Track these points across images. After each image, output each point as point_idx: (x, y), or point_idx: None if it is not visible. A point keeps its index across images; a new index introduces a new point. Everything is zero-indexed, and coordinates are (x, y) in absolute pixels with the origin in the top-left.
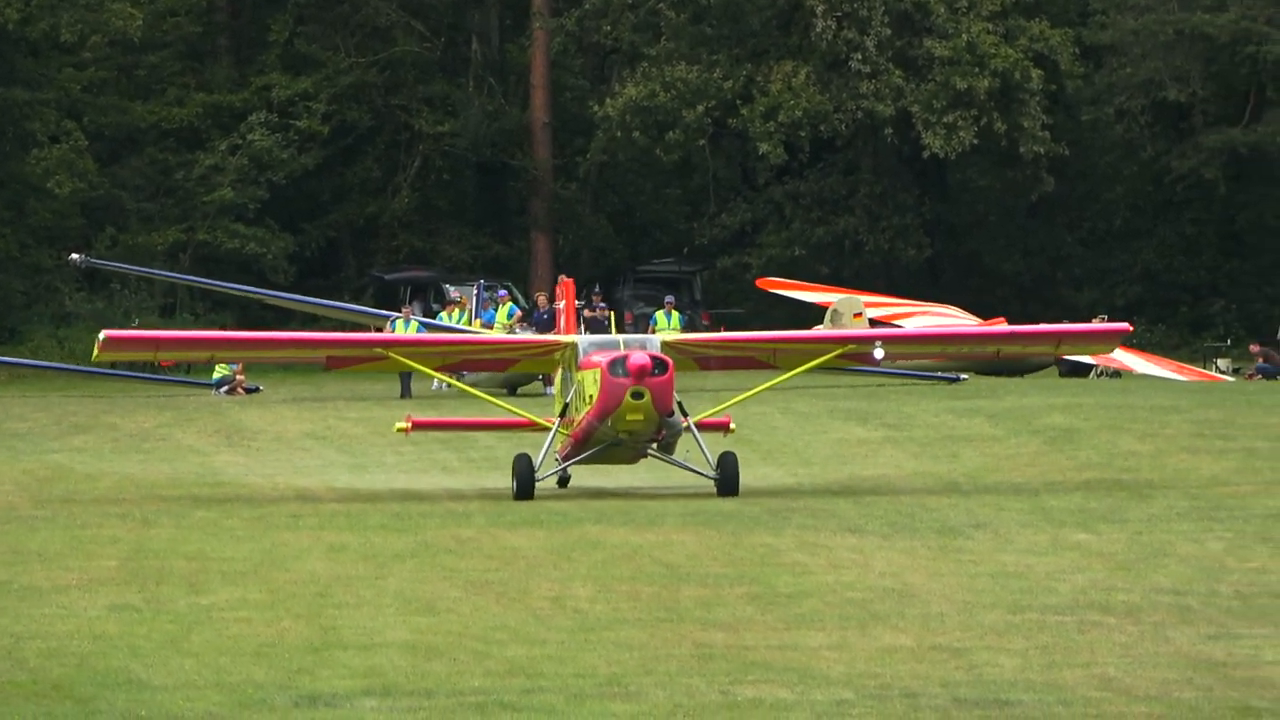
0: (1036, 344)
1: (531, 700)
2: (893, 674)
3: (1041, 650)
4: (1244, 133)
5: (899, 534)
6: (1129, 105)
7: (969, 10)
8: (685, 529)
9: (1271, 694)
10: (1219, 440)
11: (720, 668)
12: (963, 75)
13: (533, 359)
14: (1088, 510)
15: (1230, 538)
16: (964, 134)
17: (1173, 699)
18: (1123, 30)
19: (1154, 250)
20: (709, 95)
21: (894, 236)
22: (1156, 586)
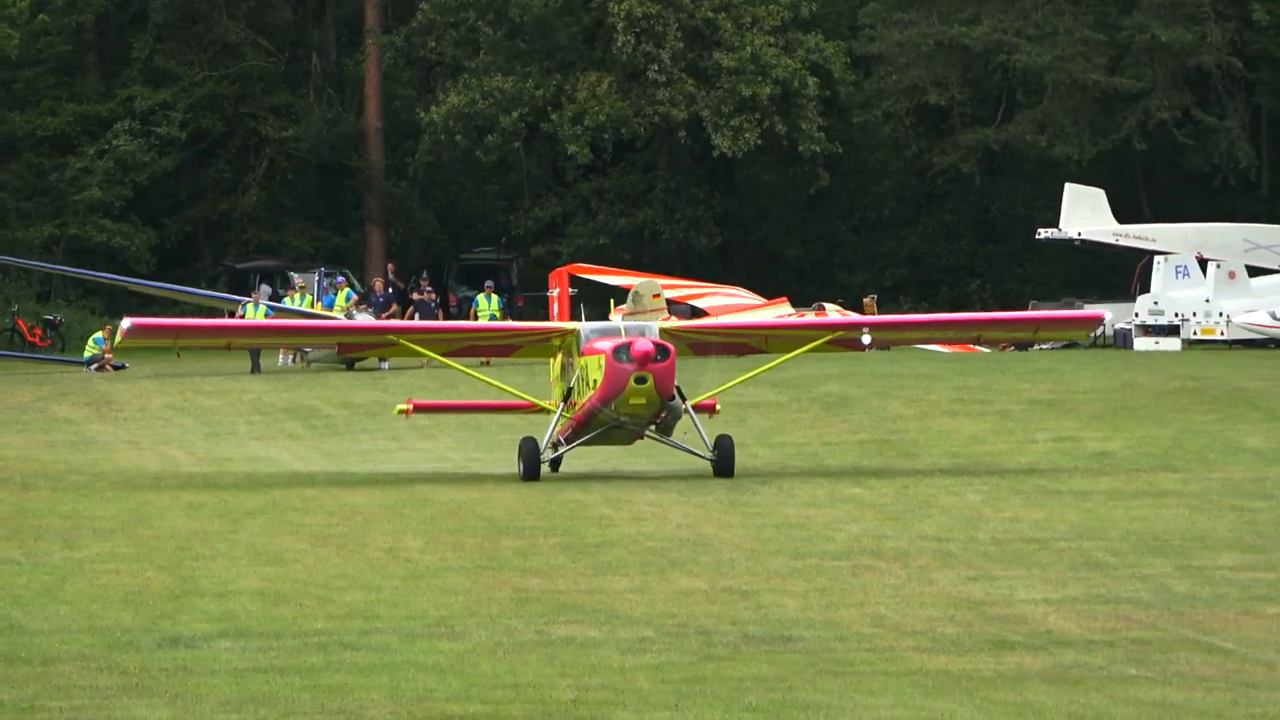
0: (1017, 329)
1: (369, 640)
2: (689, 614)
3: (820, 592)
4: (996, 132)
5: (694, 490)
6: (895, 108)
7: (753, 25)
8: (505, 487)
9: (1024, 629)
10: (976, 405)
11: (536, 610)
12: (748, 83)
13: (534, 345)
14: (860, 468)
15: (987, 490)
16: (749, 135)
17: (937, 634)
18: (889, 42)
19: (918, 237)
20: (523, 102)
21: (688, 227)
22: (922, 534)
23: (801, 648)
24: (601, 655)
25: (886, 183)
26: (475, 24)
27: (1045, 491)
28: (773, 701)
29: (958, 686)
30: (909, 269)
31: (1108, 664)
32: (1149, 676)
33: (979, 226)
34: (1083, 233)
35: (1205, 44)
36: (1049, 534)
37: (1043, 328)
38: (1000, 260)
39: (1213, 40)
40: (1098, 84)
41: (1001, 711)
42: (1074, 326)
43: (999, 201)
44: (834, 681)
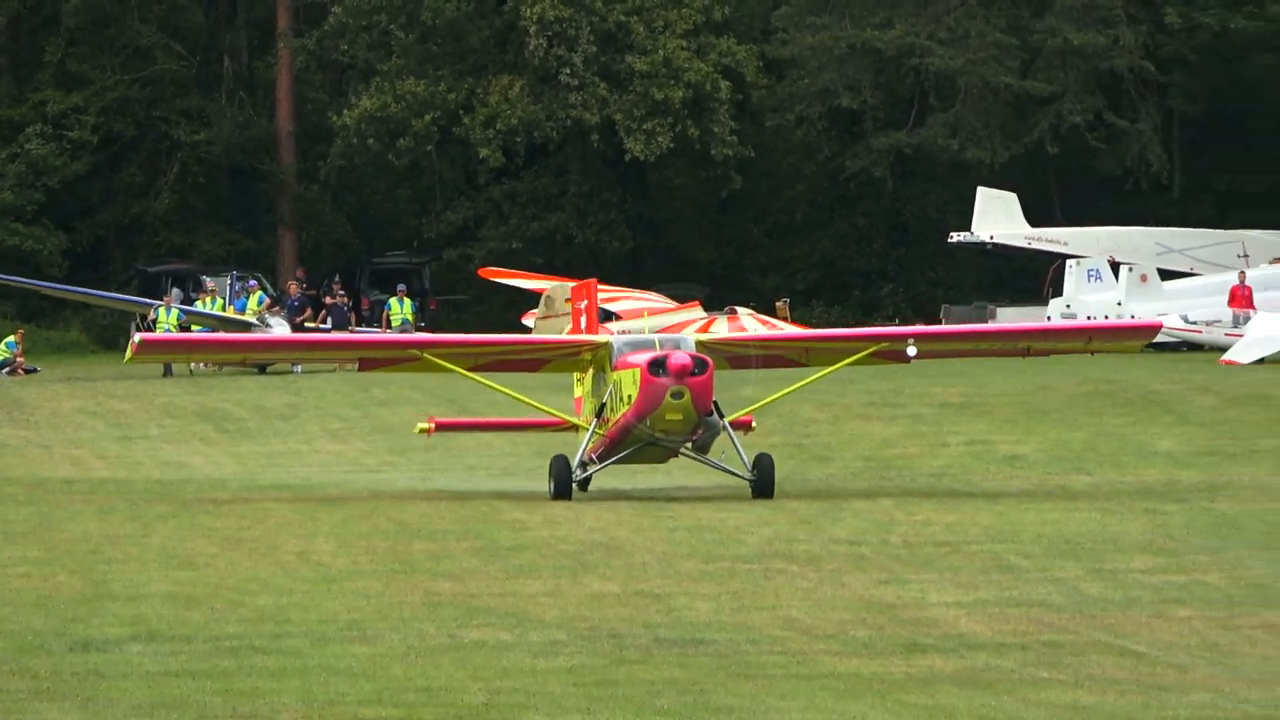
0: (1068, 340)
1: (280, 644)
2: (601, 617)
3: (732, 595)
4: (909, 135)
5: (607, 494)
6: (808, 112)
7: (665, 29)
8: (417, 490)
9: (936, 632)
10: (888, 408)
11: (448, 613)
12: (660, 87)
13: (564, 359)
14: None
15: (898, 494)
16: (661, 139)
17: (848, 637)
18: (801, 46)
19: (830, 240)
20: (435, 106)
21: (600, 230)
22: (834, 537)
23: (713, 651)
24: (513, 658)
25: (799, 186)
26: (387, 27)
27: (957, 495)
28: (685, 705)
29: (869, 689)
30: (821, 272)
31: (1019, 667)
32: (1061, 679)
33: (891, 230)
34: (995, 236)
35: (1117, 47)
36: (961, 537)
37: (1096, 337)
38: (912, 264)
39: (1125, 44)
40: (1010, 87)
41: (913, 714)
42: (1129, 336)
43: (911, 205)
44: (746, 685)
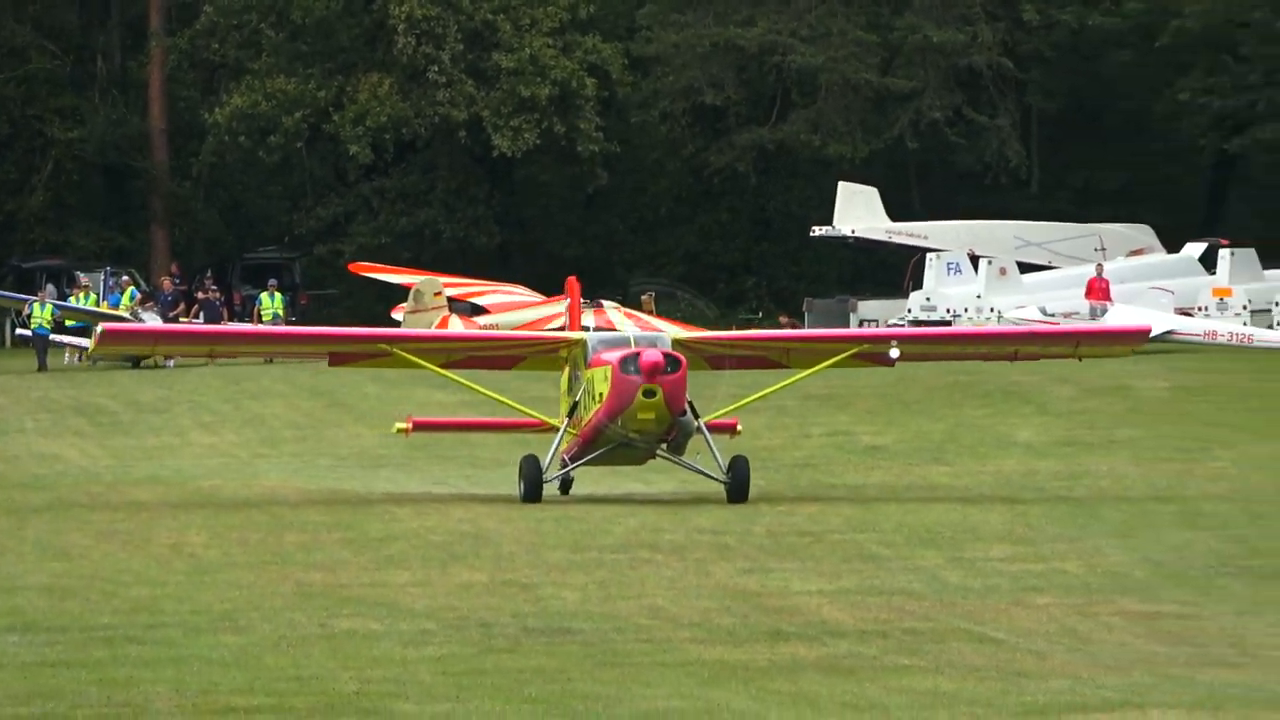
0: (1055, 344)
1: (154, 634)
2: (469, 606)
3: (599, 584)
4: (771, 131)
5: (475, 485)
6: (672, 109)
7: (531, 27)
8: (289, 484)
9: (799, 619)
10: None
11: (319, 603)
12: (527, 84)
13: (539, 355)
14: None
15: (762, 484)
16: (528, 135)
17: (713, 625)
18: (665, 44)
19: (695, 235)
20: (305, 104)
21: (468, 226)
22: (699, 528)
23: (580, 639)
24: (384, 648)
25: (663, 182)
26: (258, 26)
27: (819, 485)
28: (552, 693)
29: (734, 676)
30: (686, 266)
31: (881, 654)
32: (922, 666)
33: (754, 225)
34: (856, 230)
35: (976, 44)
36: (823, 527)
37: (1084, 343)
38: (775, 258)
39: (983, 40)
40: (870, 84)
41: (776, 701)
42: (1118, 341)
43: (774, 200)
44: (612, 672)
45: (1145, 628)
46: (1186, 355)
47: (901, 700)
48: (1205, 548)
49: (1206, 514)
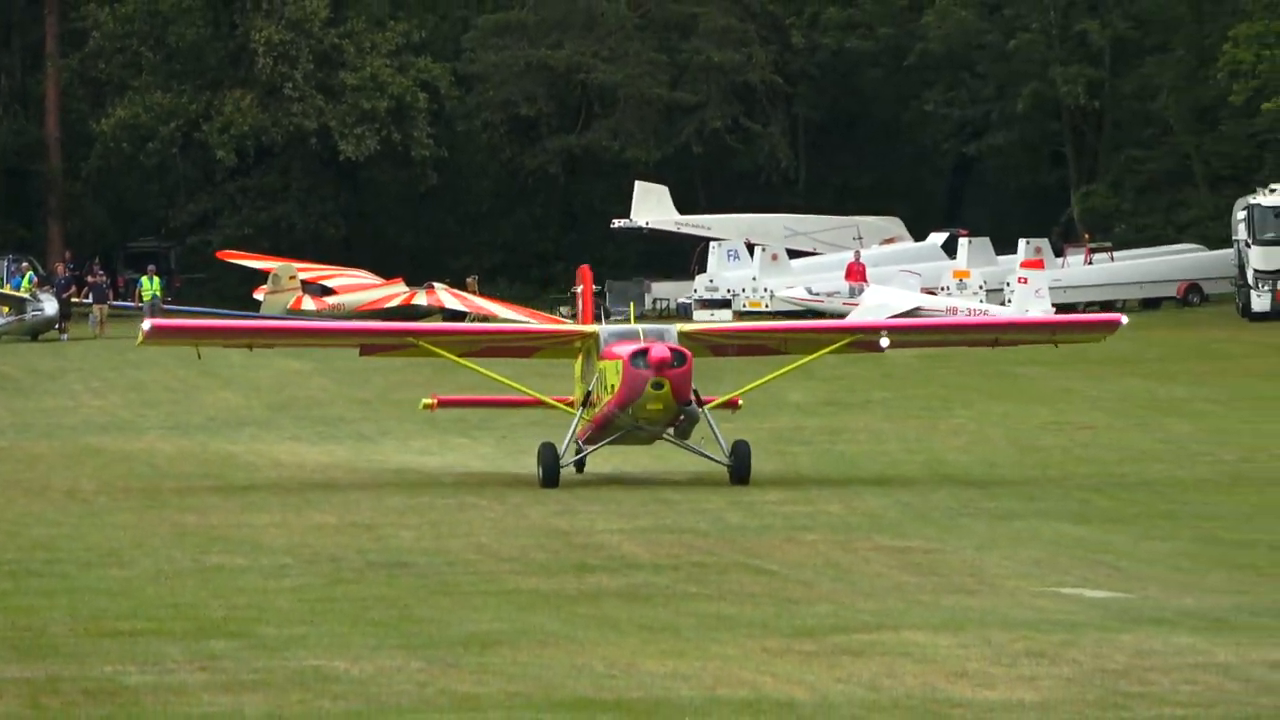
0: (1033, 333)
1: (51, 569)
2: (321, 544)
3: (432, 525)
4: (577, 138)
5: (325, 440)
6: (492, 119)
7: (372, 50)
8: (166, 440)
9: (603, 554)
10: (564, 365)
11: (192, 542)
12: (368, 98)
13: (555, 347)
14: (465, 419)
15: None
16: (369, 142)
17: (529, 560)
18: (487, 63)
19: (512, 227)
20: (179, 115)
21: (318, 219)
22: (517, 477)
23: (416, 572)
24: (248, 580)
25: (485, 182)
26: (138, 49)
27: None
28: (392, 617)
29: (547, 603)
30: (504, 254)
31: (672, 583)
32: (707, 594)
33: (563, 218)
34: (650, 222)
35: (751, 64)
36: (625, 475)
37: (1061, 331)
38: (581, 246)
39: (758, 60)
40: (661, 98)
41: (583, 623)
42: (1092, 330)
43: (580, 197)
44: (444, 600)
45: (898, 560)
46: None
47: (690, 623)
48: (948, 492)
49: (949, 463)
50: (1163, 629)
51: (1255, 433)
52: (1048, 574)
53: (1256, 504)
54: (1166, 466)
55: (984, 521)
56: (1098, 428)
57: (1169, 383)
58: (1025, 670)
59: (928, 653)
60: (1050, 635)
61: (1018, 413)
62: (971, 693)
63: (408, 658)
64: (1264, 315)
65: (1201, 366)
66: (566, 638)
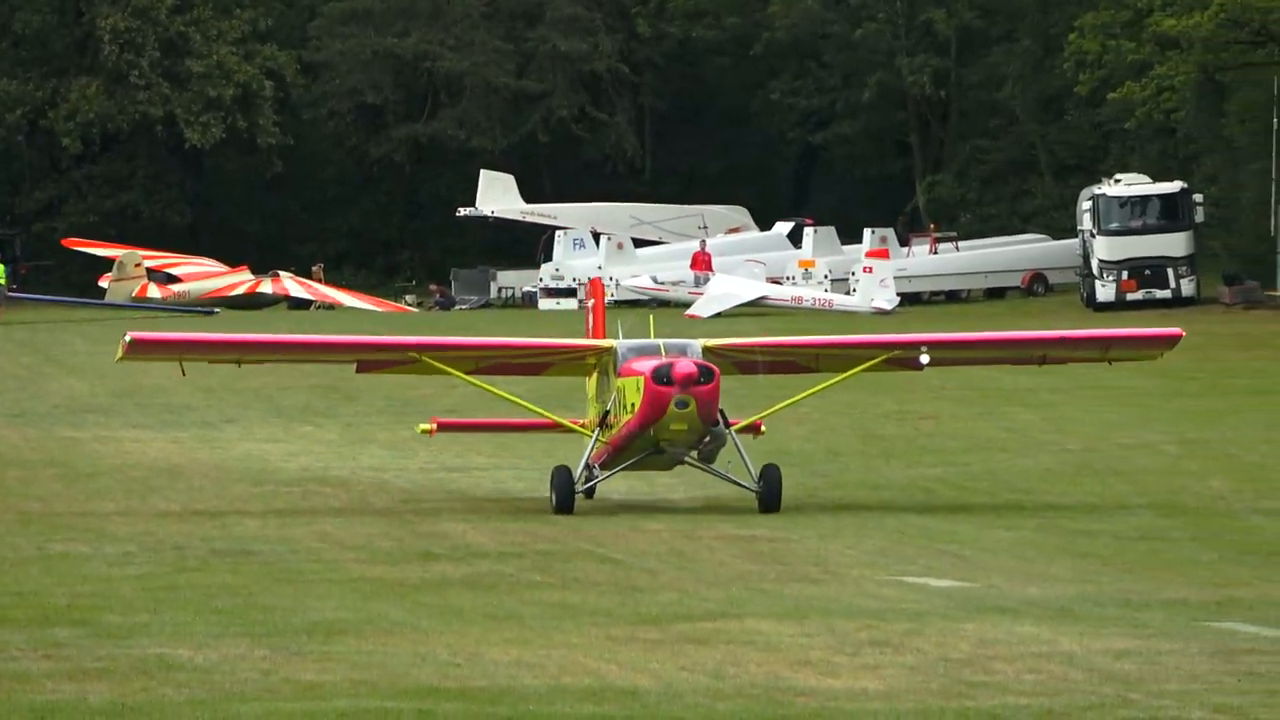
0: (1085, 349)
1: None
2: (165, 532)
3: (276, 513)
4: (424, 126)
5: (169, 428)
6: (338, 107)
7: (218, 38)
8: (10, 427)
9: (448, 543)
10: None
11: (37, 529)
12: (214, 86)
13: (568, 363)
14: (311, 408)
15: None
16: (215, 130)
17: (374, 548)
18: (333, 51)
19: (358, 215)
20: (24, 102)
21: (164, 207)
22: (362, 465)
23: (260, 560)
24: (92, 567)
25: (330, 170)
26: None
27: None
28: (236, 605)
29: (391, 591)
30: (350, 242)
31: (517, 572)
32: (551, 582)
33: (409, 206)
34: (495, 210)
35: (598, 53)
36: (469, 464)
37: (1114, 347)
38: (426, 234)
39: (604, 50)
40: (508, 86)
41: (428, 612)
42: (1149, 345)
43: (426, 185)
44: (288, 588)
45: (742, 549)
46: (777, 318)
47: (535, 611)
48: (792, 480)
49: (793, 453)
50: (1007, 618)
51: (1099, 422)
52: (892, 563)
53: (1100, 494)
54: (1011, 456)
55: (828, 510)
56: (941, 417)
57: (1013, 372)
58: (869, 659)
59: (772, 641)
60: (894, 624)
61: (862, 402)
62: (815, 681)
63: (252, 646)
64: (1108, 305)
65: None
66: (411, 626)
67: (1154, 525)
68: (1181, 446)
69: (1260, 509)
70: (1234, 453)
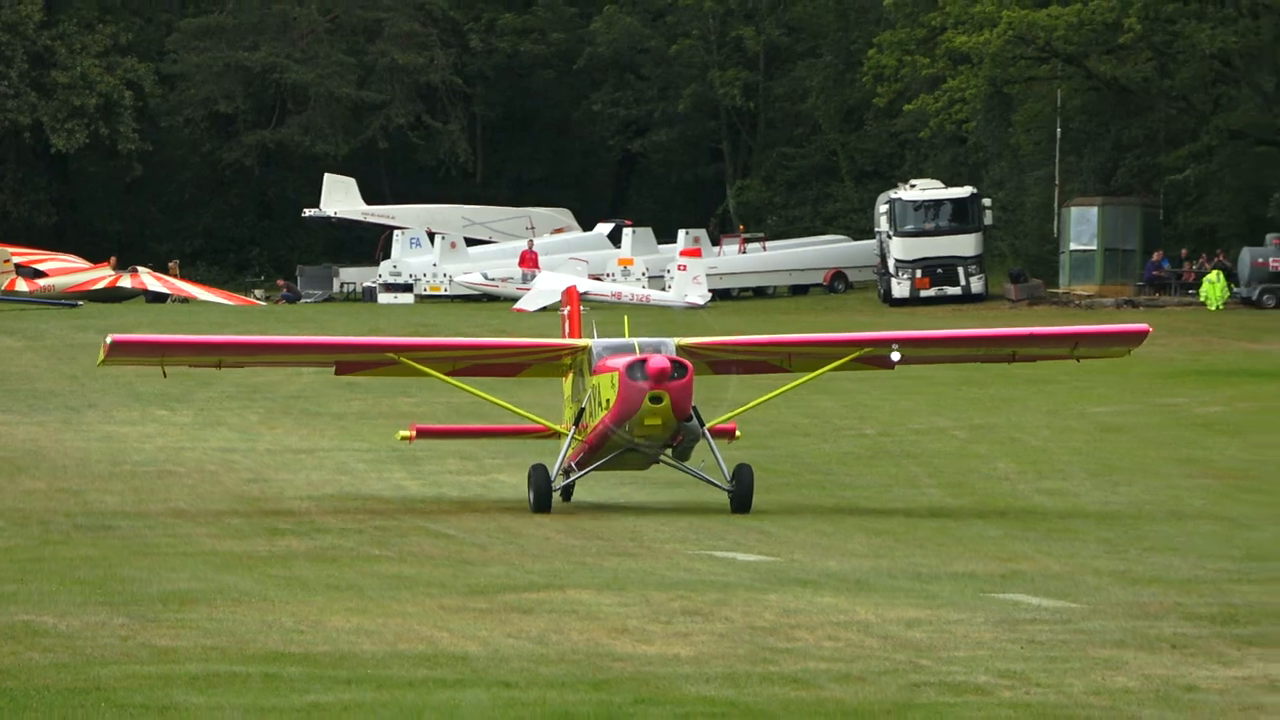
0: (1053, 346)
1: None
2: (31, 508)
3: (134, 491)
4: (272, 133)
5: (35, 412)
6: (194, 115)
7: (82, 51)
8: None
9: (293, 519)
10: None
11: None
12: (78, 96)
13: (544, 363)
14: (167, 394)
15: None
16: (79, 136)
17: (225, 524)
18: (189, 64)
19: (211, 215)
20: None
21: (31, 208)
22: (212, 446)
23: (119, 534)
24: None
25: (186, 173)
26: None
27: (309, 413)
28: (97, 576)
29: (241, 564)
30: (204, 240)
31: (357, 546)
32: (389, 556)
33: (258, 207)
34: (338, 211)
35: (433, 65)
36: (313, 446)
37: (1083, 344)
38: (275, 233)
39: (439, 62)
40: (350, 96)
41: (274, 583)
42: (1115, 342)
43: (274, 187)
44: (145, 560)
45: (565, 526)
46: (598, 312)
47: (373, 582)
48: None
49: None
50: (808, 590)
51: (894, 409)
52: (702, 539)
53: (894, 475)
54: (813, 440)
55: (644, 490)
56: (747, 404)
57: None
58: (681, 627)
59: (592, 610)
60: (704, 595)
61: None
62: (632, 647)
63: (111, 614)
64: (903, 301)
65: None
66: (258, 596)
67: (944, 504)
68: (970, 431)
69: (1042, 489)
70: (1018, 437)
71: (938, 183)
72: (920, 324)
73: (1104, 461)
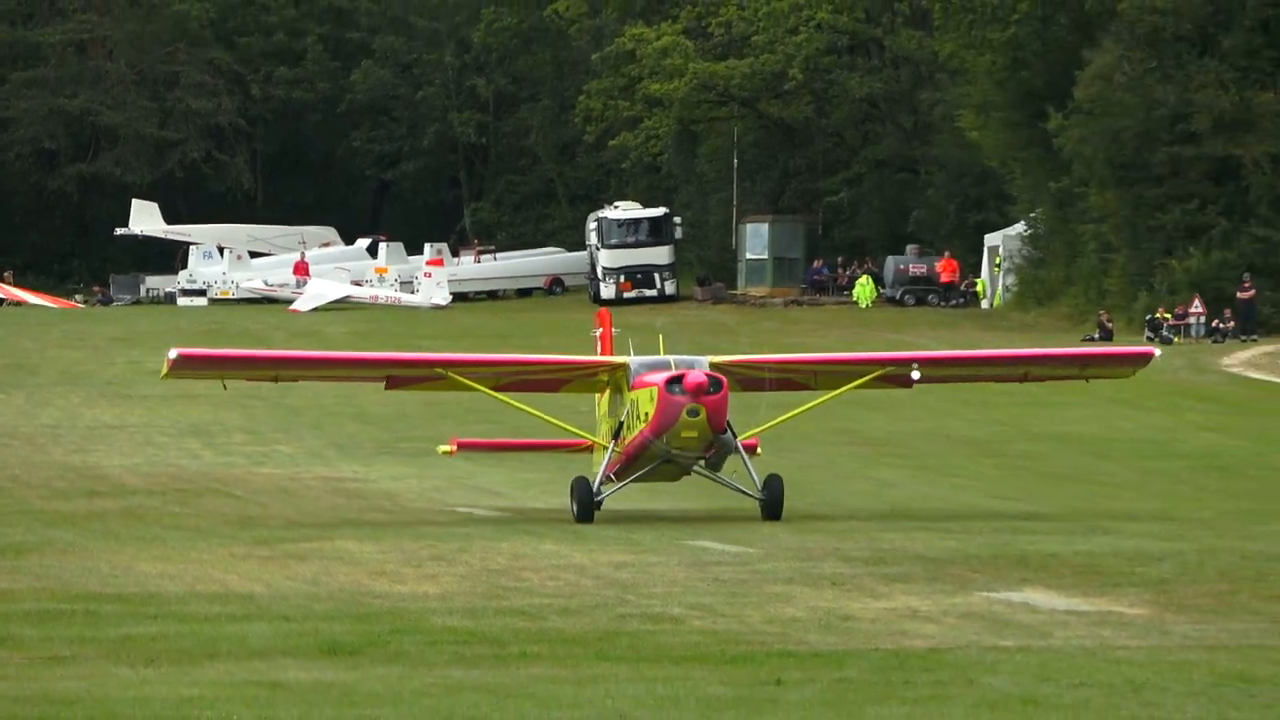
0: (1063, 367)
1: None
2: None
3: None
4: (89, 166)
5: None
6: (23, 151)
7: None
8: None
9: (107, 483)
10: (78, 340)
11: None
12: None
13: (583, 379)
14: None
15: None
16: None
17: (52, 487)
18: (19, 109)
19: (38, 233)
20: None
21: None
22: (42, 423)
23: None
24: None
25: (17, 199)
26: None
27: (122, 395)
28: None
29: (65, 521)
30: (33, 255)
31: (162, 505)
32: (188, 513)
33: (78, 227)
34: (144, 230)
35: (221, 109)
36: (126, 423)
37: (1092, 365)
38: (94, 248)
39: (225, 107)
40: (153, 135)
41: (93, 536)
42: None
43: (91, 210)
44: None
45: (332, 487)
46: (359, 311)
47: (176, 535)
48: (368, 435)
49: (371, 415)
50: (534, 538)
51: None
52: (446, 498)
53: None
54: None
55: (400, 458)
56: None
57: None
58: (429, 570)
59: (355, 557)
60: (448, 543)
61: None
62: (389, 587)
63: None
64: (609, 301)
65: (565, 340)
66: (80, 547)
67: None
68: None
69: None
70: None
71: (637, 204)
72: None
73: (774, 432)
